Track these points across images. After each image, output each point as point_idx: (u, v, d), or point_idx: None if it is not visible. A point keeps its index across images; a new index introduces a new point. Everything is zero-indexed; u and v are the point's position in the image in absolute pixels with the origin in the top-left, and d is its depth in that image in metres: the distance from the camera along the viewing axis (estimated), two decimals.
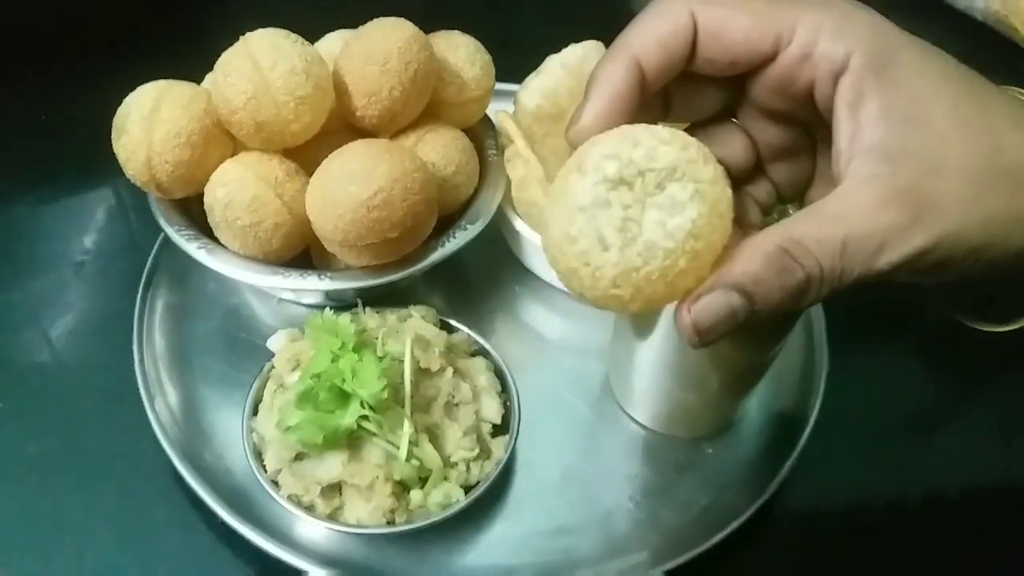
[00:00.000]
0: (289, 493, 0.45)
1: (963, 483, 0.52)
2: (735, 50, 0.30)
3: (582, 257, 0.26)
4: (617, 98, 0.29)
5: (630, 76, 0.29)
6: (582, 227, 0.26)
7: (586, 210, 0.26)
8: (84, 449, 0.51)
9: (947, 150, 0.27)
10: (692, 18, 0.29)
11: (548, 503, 0.48)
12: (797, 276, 0.27)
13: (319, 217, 0.47)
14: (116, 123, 0.49)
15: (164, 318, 0.56)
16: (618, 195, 0.26)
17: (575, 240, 0.26)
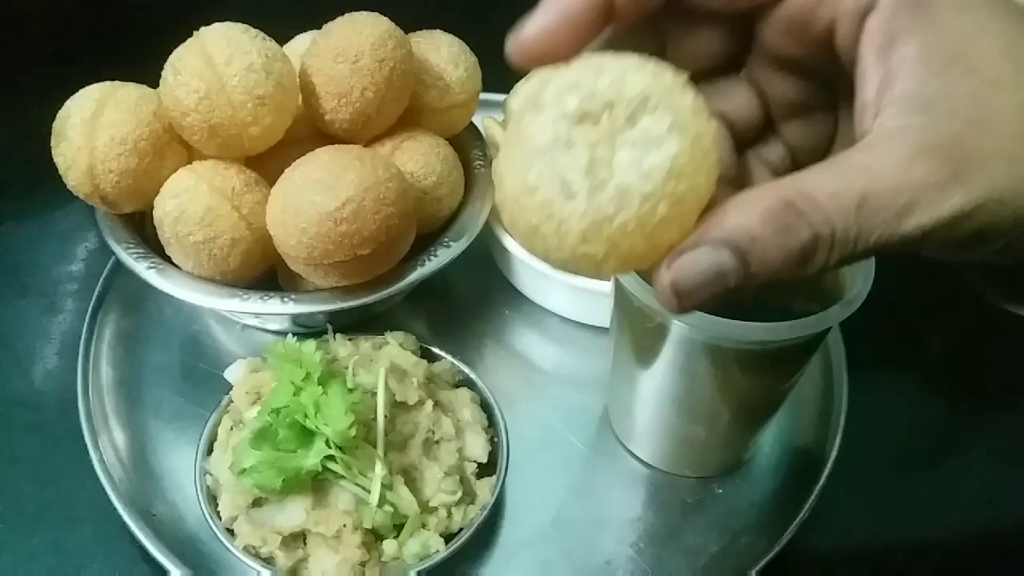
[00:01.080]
0: (246, 544, 0.41)
1: (1002, 522, 0.50)
2: None
3: (544, 209, 0.23)
4: (569, 14, 0.25)
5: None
6: (542, 172, 0.22)
7: (545, 152, 0.22)
8: (18, 494, 0.47)
9: (998, 99, 0.24)
10: None
11: (540, 552, 0.45)
12: (802, 235, 0.23)
13: (280, 231, 0.43)
14: (56, 128, 0.45)
15: (114, 346, 0.52)
16: (582, 132, 0.22)
17: (534, 189, 0.23)
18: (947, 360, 0.58)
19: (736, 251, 0.23)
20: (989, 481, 0.51)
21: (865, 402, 0.51)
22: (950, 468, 0.52)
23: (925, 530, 0.49)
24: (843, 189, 0.23)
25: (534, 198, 0.22)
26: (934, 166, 0.23)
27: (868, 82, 0.25)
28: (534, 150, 0.22)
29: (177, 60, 0.44)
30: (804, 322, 0.36)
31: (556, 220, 0.22)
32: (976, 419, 0.55)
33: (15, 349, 0.53)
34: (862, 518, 0.49)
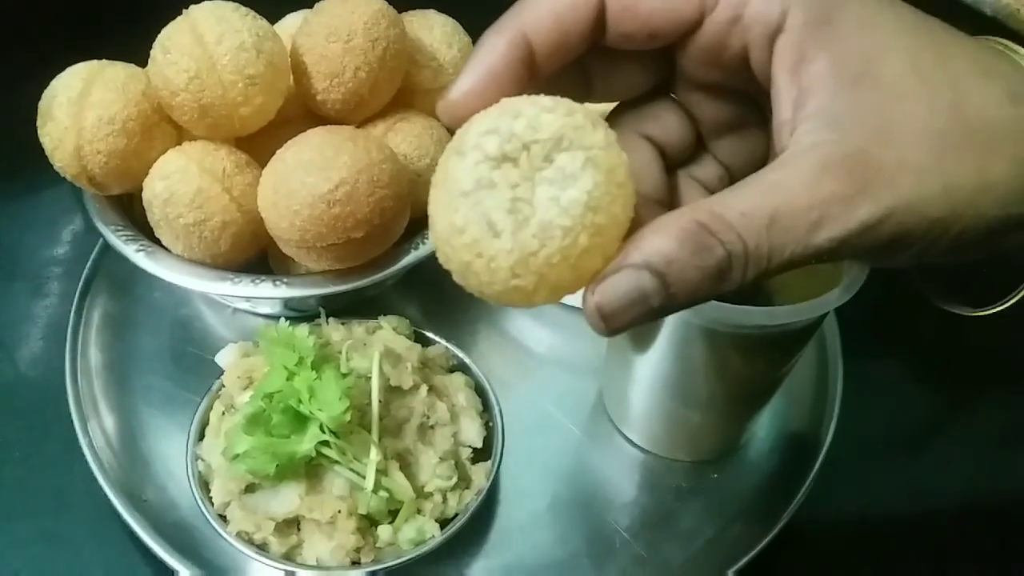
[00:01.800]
0: (239, 530, 0.41)
1: (994, 506, 0.50)
2: (653, 21, 0.27)
3: (473, 248, 0.24)
4: (493, 74, 0.26)
5: (512, 52, 0.26)
6: (468, 214, 0.24)
7: (469, 195, 0.24)
8: (7, 480, 0.46)
9: (903, 111, 0.25)
10: None
11: (535, 537, 0.45)
12: (716, 254, 0.24)
13: (272, 214, 0.42)
14: (41, 107, 0.44)
15: (102, 330, 0.52)
16: (503, 174, 0.24)
17: (462, 230, 0.24)
18: (941, 345, 0.58)
19: (655, 273, 0.24)
20: (982, 465, 0.52)
21: (860, 388, 0.51)
22: (944, 452, 0.53)
23: (919, 513, 0.49)
24: (754, 209, 0.24)
25: (462, 238, 0.24)
26: (841, 180, 0.24)
27: (783, 101, 0.26)
28: (459, 193, 0.24)
29: (166, 39, 0.42)
30: (803, 307, 0.36)
31: (486, 258, 0.24)
32: (969, 404, 0.55)
33: (0, 333, 0.52)
34: (857, 502, 0.49)
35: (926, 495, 0.50)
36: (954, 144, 0.25)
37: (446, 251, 0.25)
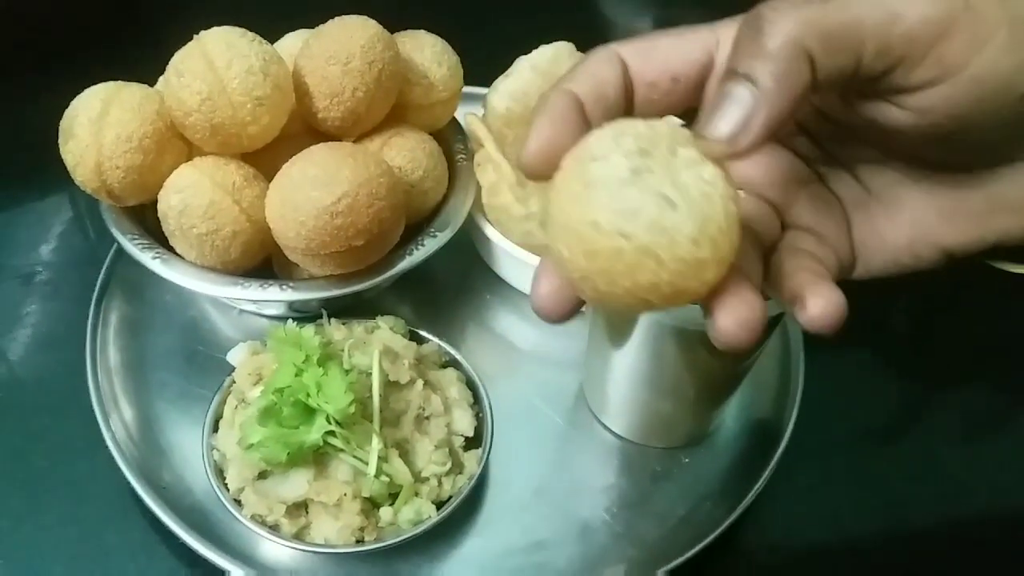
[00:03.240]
0: (253, 513, 0.43)
1: (945, 490, 0.52)
2: (669, 63, 0.29)
3: (653, 227, 0.24)
4: (564, 120, 0.27)
5: (569, 104, 0.28)
6: (639, 196, 0.24)
7: (633, 181, 0.24)
8: (33, 470, 0.49)
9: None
10: (617, 55, 0.29)
11: (522, 517, 0.47)
12: None
13: (280, 224, 0.45)
14: (63, 127, 0.47)
15: (119, 331, 0.54)
16: (646, 163, 0.25)
17: (636, 212, 0.24)
18: (904, 337, 0.60)
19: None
20: (943, 455, 0.53)
21: (823, 378, 0.53)
22: (903, 436, 0.54)
23: (879, 491, 0.51)
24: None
25: (637, 221, 0.24)
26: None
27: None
28: (619, 182, 0.24)
29: (180, 63, 0.45)
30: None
31: (669, 232, 0.24)
32: (931, 395, 0.56)
33: (23, 334, 0.55)
34: (818, 484, 0.51)
35: (887, 479, 0.52)
36: None
37: (609, 253, 0.24)
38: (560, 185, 0.26)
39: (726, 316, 0.25)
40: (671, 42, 0.29)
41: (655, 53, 0.29)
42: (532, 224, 0.53)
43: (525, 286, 0.57)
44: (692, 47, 0.29)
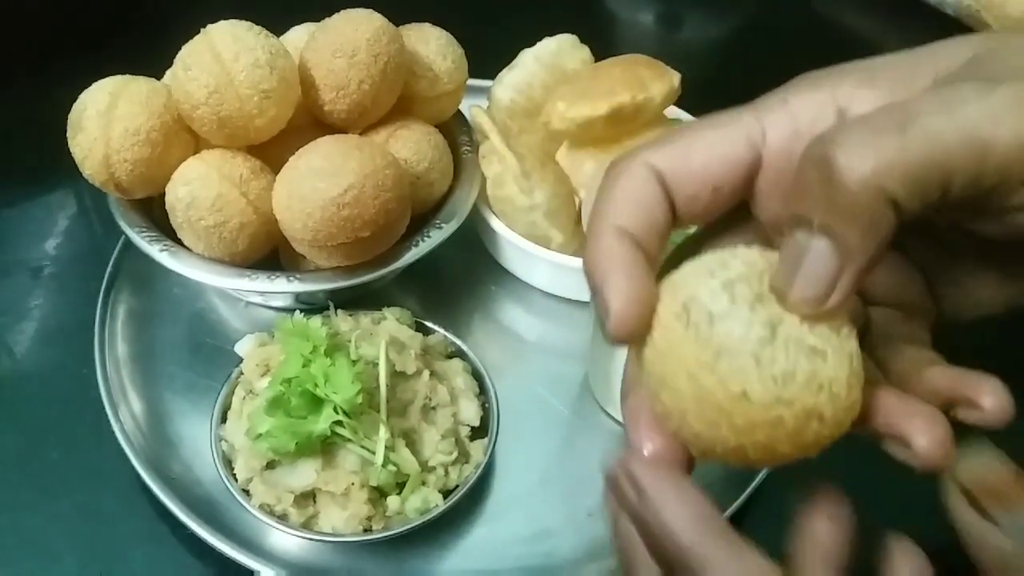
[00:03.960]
0: (261, 502, 0.44)
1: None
2: (708, 171, 0.25)
3: (811, 386, 0.22)
4: (634, 267, 0.24)
5: (627, 241, 0.25)
6: (786, 356, 0.22)
7: (772, 338, 0.22)
8: (44, 462, 0.49)
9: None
10: (651, 169, 0.25)
11: (528, 506, 0.48)
12: None
13: (287, 216, 0.45)
14: (71, 120, 0.47)
15: (127, 324, 0.54)
16: (772, 308, 0.23)
17: (791, 375, 0.22)
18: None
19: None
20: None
21: None
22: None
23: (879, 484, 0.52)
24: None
25: (795, 383, 0.22)
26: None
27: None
28: (760, 342, 0.22)
29: (187, 56, 0.46)
30: None
31: (826, 387, 0.22)
32: None
33: (32, 327, 0.55)
34: (824, 468, 0.52)
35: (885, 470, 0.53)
36: None
37: (758, 425, 0.22)
38: (669, 348, 0.23)
39: (924, 440, 0.23)
40: (708, 143, 0.26)
41: (692, 160, 0.25)
42: (536, 215, 0.54)
43: (530, 277, 0.58)
44: (733, 145, 0.25)
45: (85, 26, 0.74)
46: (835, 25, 0.89)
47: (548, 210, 0.54)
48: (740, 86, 0.34)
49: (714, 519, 0.23)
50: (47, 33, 0.73)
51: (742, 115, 0.26)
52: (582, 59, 0.59)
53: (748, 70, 0.81)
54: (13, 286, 0.58)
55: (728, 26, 0.90)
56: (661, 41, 0.88)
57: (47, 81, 0.61)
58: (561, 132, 0.56)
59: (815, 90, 0.25)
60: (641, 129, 0.56)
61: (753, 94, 0.27)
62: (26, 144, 0.65)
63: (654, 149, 0.26)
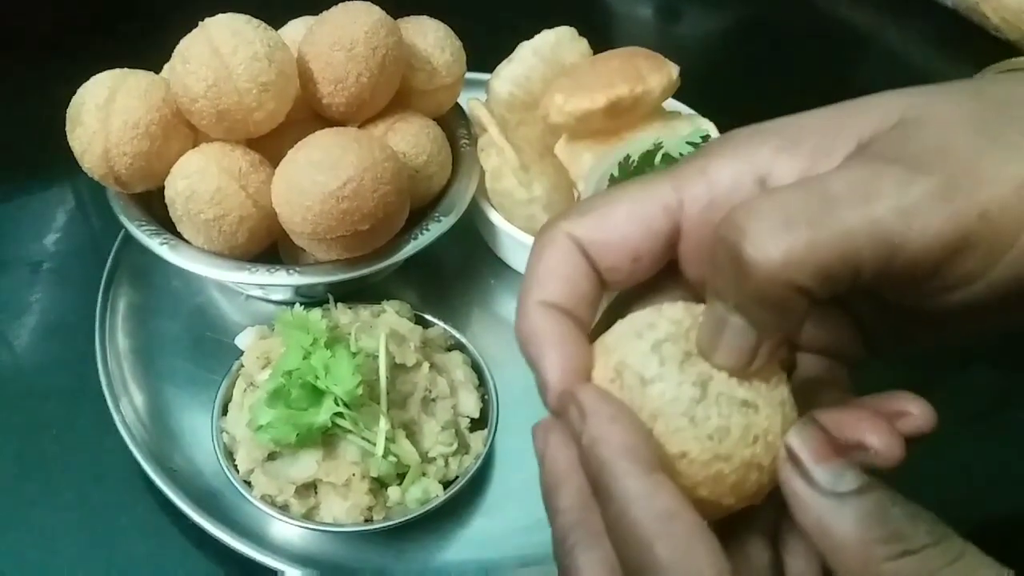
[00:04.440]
0: (263, 493, 0.44)
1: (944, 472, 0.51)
2: (627, 241, 0.26)
3: (747, 439, 0.23)
4: (563, 339, 0.25)
5: (554, 315, 0.25)
6: (718, 412, 0.23)
7: (703, 396, 0.23)
8: (46, 455, 0.49)
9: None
10: (571, 240, 0.26)
11: (528, 496, 0.46)
12: None
13: (286, 209, 0.46)
14: (70, 114, 0.47)
15: (127, 318, 0.55)
16: (700, 364, 0.24)
17: (726, 431, 0.23)
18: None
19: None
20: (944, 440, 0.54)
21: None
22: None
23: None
24: None
25: (731, 438, 0.23)
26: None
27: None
28: (692, 402, 0.23)
29: (185, 50, 0.46)
30: None
31: (761, 437, 0.23)
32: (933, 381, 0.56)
33: (32, 321, 0.56)
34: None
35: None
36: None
37: (700, 483, 0.23)
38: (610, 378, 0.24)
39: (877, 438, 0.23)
40: (626, 214, 0.26)
41: (610, 231, 0.26)
42: (535, 208, 0.54)
43: None
44: (650, 217, 0.26)
45: (82, 20, 0.74)
46: (833, 18, 0.89)
47: (547, 203, 0.54)
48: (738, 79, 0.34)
49: (642, 449, 0.23)
50: (44, 27, 0.73)
51: (660, 185, 0.26)
52: (580, 52, 0.59)
53: (746, 63, 0.81)
54: (13, 281, 0.58)
55: (726, 19, 0.90)
56: (659, 34, 0.88)
57: (45, 75, 0.61)
58: (559, 125, 0.56)
59: (734, 157, 0.25)
60: (639, 122, 0.57)
61: (751, 87, 0.27)
62: (24, 138, 0.65)
63: (574, 219, 0.26)
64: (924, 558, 0.21)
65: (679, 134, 0.54)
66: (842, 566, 0.22)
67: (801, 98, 0.29)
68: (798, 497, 0.23)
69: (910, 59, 0.86)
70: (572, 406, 0.24)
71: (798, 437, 0.23)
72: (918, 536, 0.22)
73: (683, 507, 0.22)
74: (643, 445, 0.23)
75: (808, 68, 0.79)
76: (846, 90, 0.28)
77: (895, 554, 0.21)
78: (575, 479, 0.25)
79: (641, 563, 0.22)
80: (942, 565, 0.21)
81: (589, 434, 0.23)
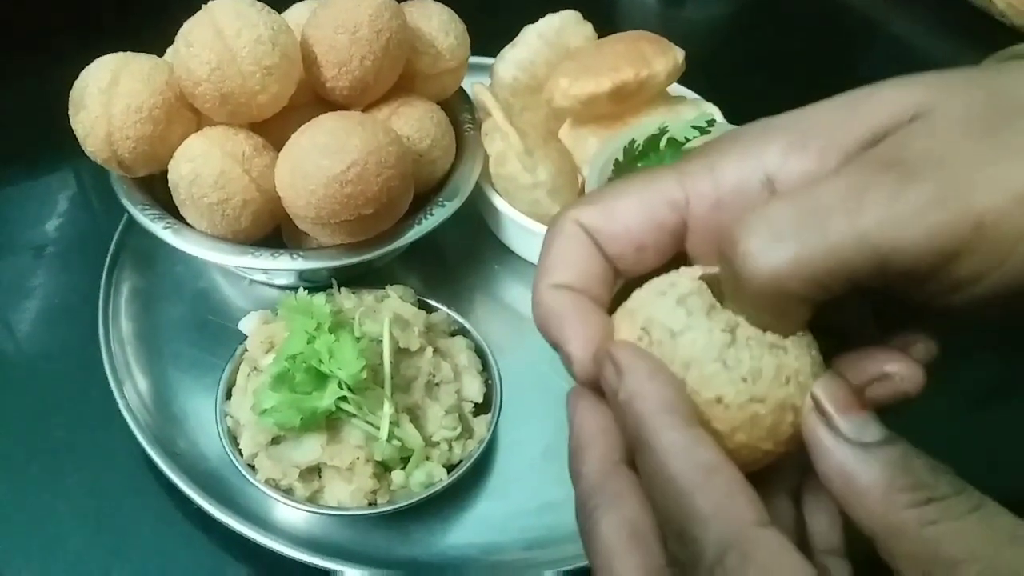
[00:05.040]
0: (267, 477, 0.44)
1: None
2: (631, 232, 0.26)
3: (779, 380, 0.23)
4: (582, 312, 0.26)
5: (569, 295, 0.26)
6: (750, 355, 0.23)
7: (733, 341, 0.23)
8: (51, 440, 0.49)
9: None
10: (579, 228, 0.27)
11: (531, 480, 0.48)
12: None
13: (290, 193, 0.45)
14: (73, 97, 0.47)
15: (130, 302, 0.55)
16: (725, 313, 0.24)
17: (758, 373, 0.23)
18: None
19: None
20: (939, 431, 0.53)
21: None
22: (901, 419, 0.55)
23: None
24: None
25: (764, 380, 0.23)
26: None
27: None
28: (724, 346, 0.23)
29: (188, 33, 0.45)
30: None
31: (793, 378, 0.23)
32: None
33: (36, 306, 0.56)
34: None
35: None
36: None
37: (738, 427, 0.23)
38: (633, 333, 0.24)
39: (897, 366, 0.25)
40: (630, 206, 0.26)
41: (615, 221, 0.26)
42: (539, 193, 0.54)
43: (532, 255, 0.57)
44: (654, 210, 0.26)
45: (84, 3, 0.73)
46: (839, 3, 0.88)
47: (551, 188, 0.54)
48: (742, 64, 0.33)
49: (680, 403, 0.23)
50: (45, 11, 0.72)
51: (666, 180, 0.26)
52: (585, 36, 0.59)
53: (751, 47, 0.81)
54: (15, 266, 0.58)
55: (731, 3, 0.90)
56: (663, 18, 0.87)
57: (46, 59, 0.61)
58: (564, 109, 0.56)
59: (742, 156, 0.26)
60: (644, 106, 0.56)
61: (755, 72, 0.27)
62: (26, 123, 0.65)
63: (581, 207, 0.27)
64: (948, 505, 0.22)
65: (683, 118, 0.54)
66: (865, 511, 0.22)
67: (805, 82, 0.28)
68: (823, 446, 0.23)
69: (915, 44, 0.85)
70: (608, 363, 0.24)
71: (823, 388, 0.24)
72: (941, 486, 0.22)
73: (723, 461, 0.22)
74: (681, 400, 0.23)
75: (812, 53, 0.79)
76: (851, 74, 0.27)
77: (919, 501, 0.22)
78: (600, 444, 0.25)
79: (681, 514, 0.22)
80: (965, 512, 0.22)
81: (627, 389, 0.23)
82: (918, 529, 0.22)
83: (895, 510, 0.22)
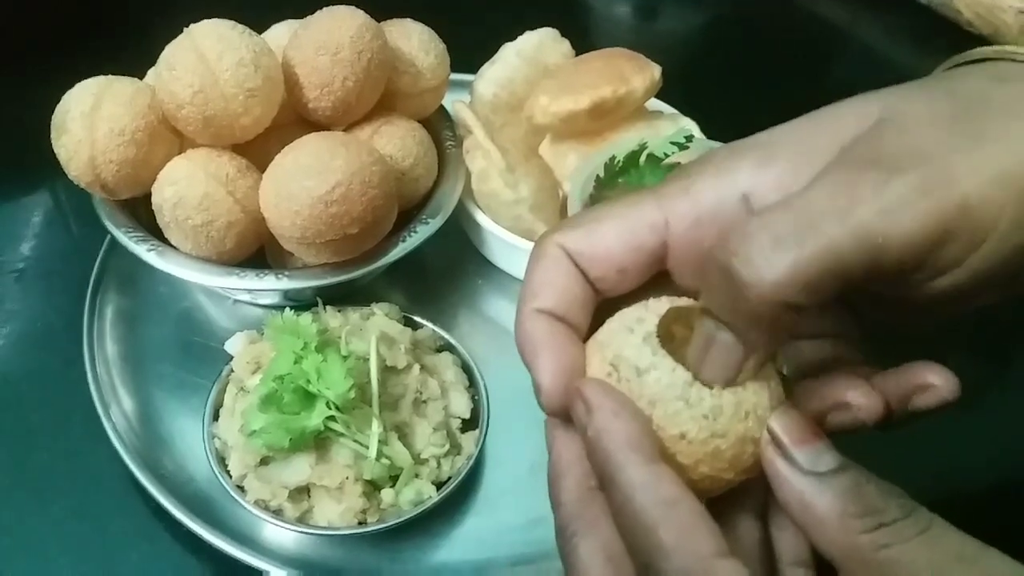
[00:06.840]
0: (256, 498, 0.44)
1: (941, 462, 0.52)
2: (612, 255, 0.27)
3: (739, 414, 0.24)
4: (557, 342, 0.26)
5: (548, 321, 0.27)
6: (710, 392, 0.24)
7: (695, 379, 0.25)
8: (36, 464, 0.49)
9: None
10: (562, 251, 0.27)
11: (520, 496, 0.48)
12: None
13: (275, 214, 0.46)
14: (55, 121, 0.47)
15: (115, 324, 0.54)
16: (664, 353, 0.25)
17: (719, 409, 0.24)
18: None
19: None
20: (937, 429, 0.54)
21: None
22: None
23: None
24: None
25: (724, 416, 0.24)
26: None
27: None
28: (686, 385, 0.24)
29: (171, 56, 0.45)
30: None
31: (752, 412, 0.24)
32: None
33: (18, 329, 0.55)
34: None
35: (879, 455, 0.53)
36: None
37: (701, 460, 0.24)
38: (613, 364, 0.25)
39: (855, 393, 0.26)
40: (611, 230, 0.27)
41: (597, 243, 0.27)
42: (521, 208, 0.54)
43: (515, 270, 0.58)
44: (634, 234, 0.27)
45: (64, 26, 0.73)
46: (811, 14, 0.90)
47: (533, 204, 0.54)
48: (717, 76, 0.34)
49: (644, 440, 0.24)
50: (23, 32, 0.72)
51: (645, 204, 0.27)
52: (563, 53, 0.60)
53: (725, 59, 0.82)
54: None
55: (704, 16, 0.91)
56: (638, 32, 0.89)
57: (27, 81, 0.60)
58: (544, 126, 0.57)
59: (716, 176, 0.27)
60: (622, 122, 0.57)
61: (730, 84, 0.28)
62: (6, 144, 0.64)
63: (565, 231, 0.28)
64: (897, 529, 0.23)
65: (662, 134, 0.55)
66: (823, 538, 0.24)
67: (780, 94, 0.29)
68: (781, 477, 0.24)
69: (886, 54, 0.87)
70: (578, 401, 0.25)
71: (779, 422, 0.25)
72: (890, 510, 0.23)
73: (683, 494, 0.23)
74: (645, 437, 0.24)
75: (786, 63, 0.80)
76: (824, 85, 0.28)
77: (871, 526, 0.23)
78: (576, 472, 0.26)
79: (647, 546, 0.23)
80: (913, 534, 0.23)
81: (594, 427, 0.24)
82: (872, 554, 0.23)
83: (850, 536, 0.23)
